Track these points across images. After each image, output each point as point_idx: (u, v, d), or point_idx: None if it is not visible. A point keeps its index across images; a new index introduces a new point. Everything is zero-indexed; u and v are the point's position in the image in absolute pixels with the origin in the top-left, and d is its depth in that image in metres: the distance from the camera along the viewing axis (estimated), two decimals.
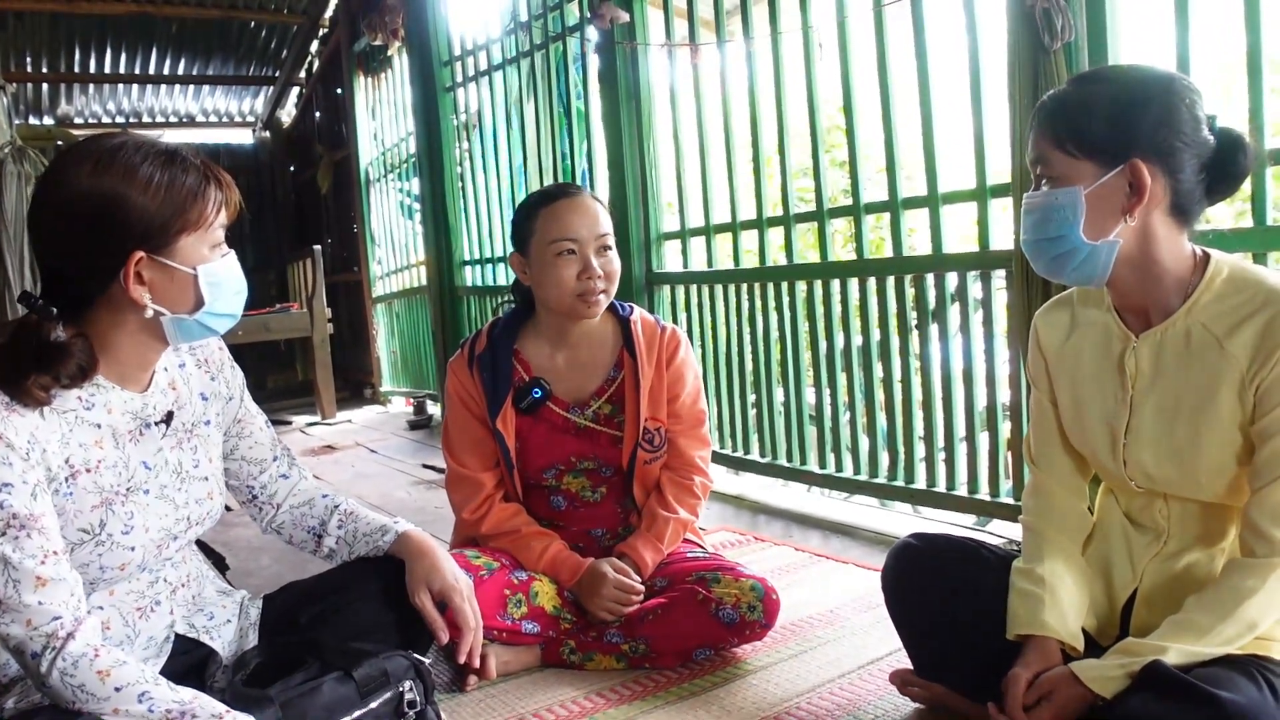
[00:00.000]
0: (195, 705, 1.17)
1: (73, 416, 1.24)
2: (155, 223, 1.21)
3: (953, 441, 2.67)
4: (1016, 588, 1.40)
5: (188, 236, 1.24)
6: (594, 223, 1.90)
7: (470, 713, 1.70)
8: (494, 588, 1.82)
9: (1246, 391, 1.23)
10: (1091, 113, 1.24)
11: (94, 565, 1.27)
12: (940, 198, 2.59)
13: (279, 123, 8.36)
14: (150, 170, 1.21)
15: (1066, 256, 1.28)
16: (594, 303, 1.89)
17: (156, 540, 1.33)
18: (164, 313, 1.26)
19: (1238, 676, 1.14)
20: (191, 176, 1.25)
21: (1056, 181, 1.27)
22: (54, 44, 6.76)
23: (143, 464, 1.33)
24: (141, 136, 1.27)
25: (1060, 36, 2.07)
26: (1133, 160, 1.22)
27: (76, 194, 1.20)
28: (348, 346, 7.25)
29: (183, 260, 1.24)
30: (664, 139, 3.56)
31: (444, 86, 4.98)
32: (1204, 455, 1.27)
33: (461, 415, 2.01)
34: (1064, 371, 1.43)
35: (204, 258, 1.26)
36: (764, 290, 3.17)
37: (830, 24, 2.80)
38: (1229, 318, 1.25)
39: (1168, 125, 1.22)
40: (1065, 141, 1.25)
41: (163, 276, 1.24)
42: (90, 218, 1.20)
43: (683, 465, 2.02)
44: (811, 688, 1.72)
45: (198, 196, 1.24)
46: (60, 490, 1.22)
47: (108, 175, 1.20)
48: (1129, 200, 1.23)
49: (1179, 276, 1.28)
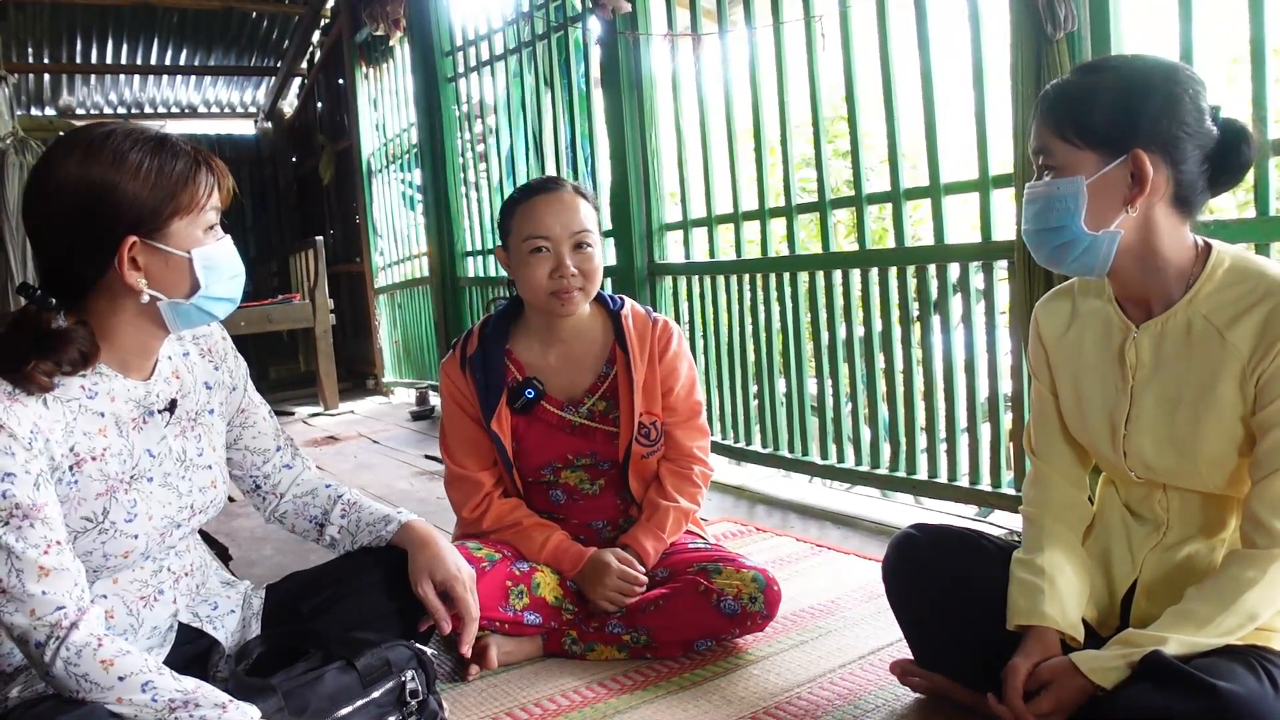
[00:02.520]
0: (198, 694, 1.18)
1: (76, 405, 1.25)
2: (147, 207, 1.22)
3: (954, 432, 2.66)
4: (1016, 578, 1.40)
5: (180, 220, 1.25)
6: (569, 220, 1.86)
7: (473, 702, 1.70)
8: (496, 579, 1.83)
9: (1247, 383, 1.23)
10: (1094, 102, 1.24)
11: (97, 553, 1.27)
12: (942, 188, 2.59)
13: (281, 113, 8.34)
14: (139, 156, 1.22)
15: (1067, 247, 1.27)
16: (567, 300, 1.87)
17: (160, 528, 1.34)
18: (160, 297, 1.26)
19: (1237, 667, 1.15)
20: (181, 161, 1.25)
21: (1058, 171, 1.27)
22: (55, 35, 6.76)
23: (147, 451, 1.33)
24: (131, 125, 1.28)
25: (1063, 26, 2.06)
26: (1135, 151, 1.21)
27: (67, 182, 1.20)
28: (350, 337, 7.26)
29: (176, 244, 1.25)
30: (666, 129, 3.55)
31: (446, 77, 4.98)
32: (1204, 446, 1.27)
33: (456, 416, 2.00)
34: (1064, 362, 1.43)
35: (198, 240, 1.27)
36: (766, 281, 3.17)
37: (833, 13, 2.79)
38: (1230, 309, 1.24)
39: (1171, 116, 1.21)
40: (1068, 131, 1.25)
41: (157, 261, 1.24)
42: (81, 205, 1.20)
43: (681, 456, 2.02)
44: (812, 678, 1.73)
45: (188, 180, 1.25)
46: (64, 479, 1.23)
47: (97, 163, 1.20)
48: (1131, 191, 1.23)
49: (1180, 267, 1.28)
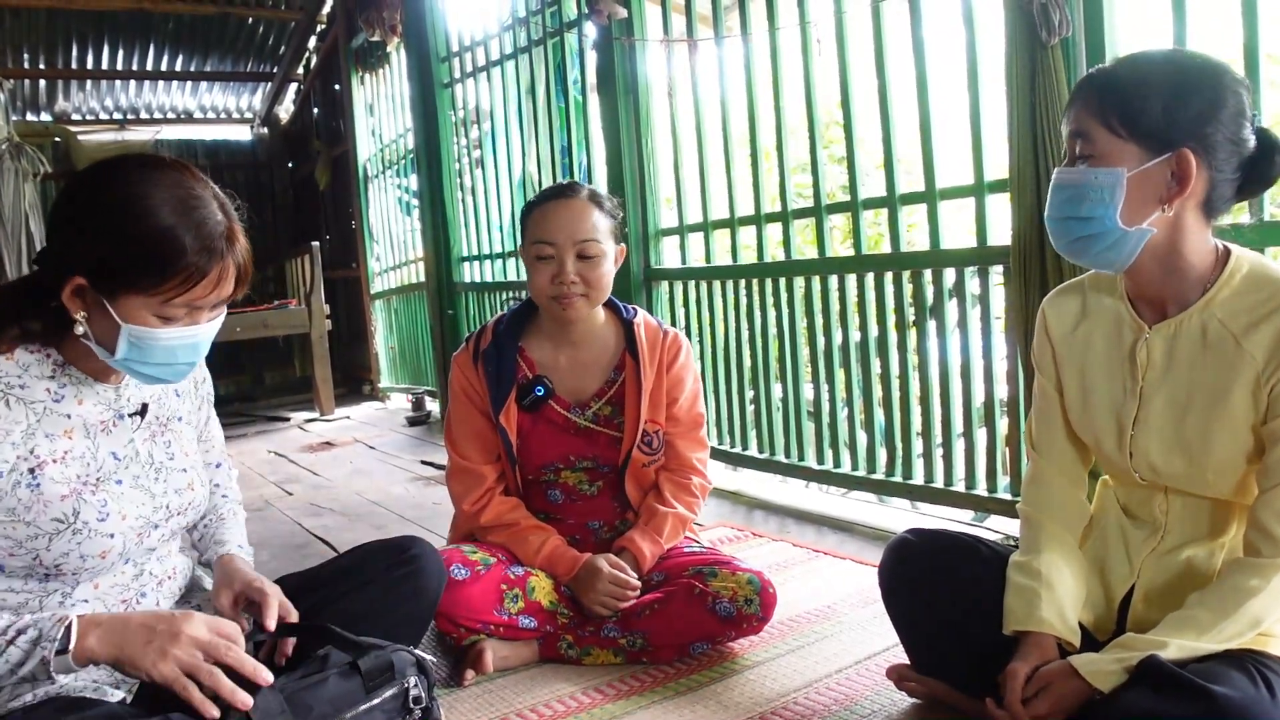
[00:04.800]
0: (25, 620, 1.14)
1: (40, 407, 1.25)
2: (106, 268, 1.16)
3: (950, 437, 2.67)
4: (1013, 582, 1.40)
5: (132, 296, 1.17)
6: (574, 228, 1.87)
7: (468, 708, 1.70)
8: (490, 583, 1.83)
9: (1261, 391, 1.22)
10: (1146, 95, 1.20)
11: (74, 554, 1.27)
12: (938, 193, 2.59)
13: (277, 119, 8.34)
14: (151, 216, 1.15)
15: (1094, 239, 1.25)
16: (568, 306, 1.88)
17: (136, 528, 1.34)
18: (89, 339, 1.21)
19: (1233, 672, 1.14)
20: (187, 241, 1.16)
21: (1096, 160, 1.23)
22: (51, 40, 6.74)
23: (111, 454, 1.33)
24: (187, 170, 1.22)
25: (1058, 31, 2.07)
26: (1183, 150, 1.19)
27: (82, 188, 1.19)
28: (346, 343, 7.25)
29: (119, 311, 1.18)
30: (662, 134, 3.56)
31: (442, 82, 4.98)
32: (1213, 452, 1.26)
33: (464, 408, 2.01)
34: (1072, 359, 1.42)
35: (140, 320, 1.19)
36: (762, 286, 3.17)
37: (828, 19, 2.79)
38: (1247, 315, 1.23)
39: (1219, 119, 1.19)
40: (1113, 120, 1.22)
41: (98, 309, 1.19)
42: (69, 216, 1.19)
43: (681, 467, 2.03)
44: (808, 683, 1.73)
45: (167, 268, 1.16)
46: (23, 482, 1.22)
47: (121, 185, 1.17)
48: (1170, 190, 1.21)
49: (1201, 271, 1.26)
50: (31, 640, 1.12)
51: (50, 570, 1.26)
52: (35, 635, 1.12)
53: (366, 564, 1.58)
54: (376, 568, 1.57)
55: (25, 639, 1.12)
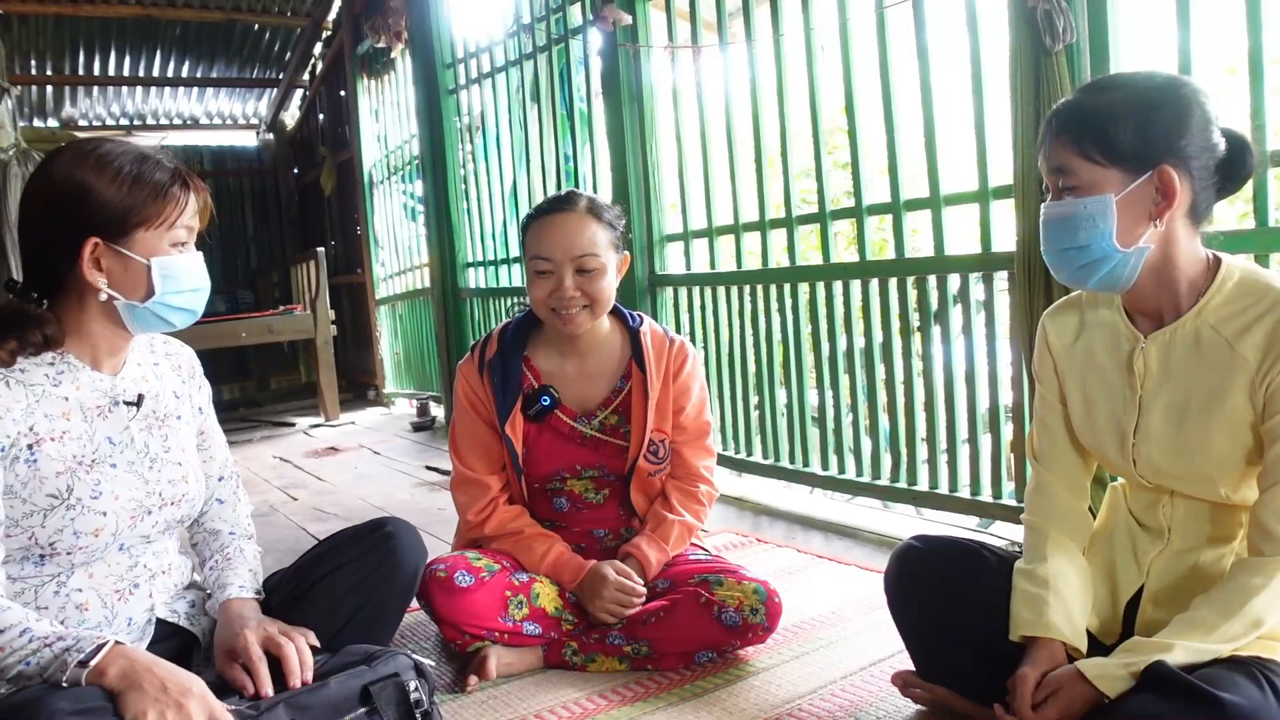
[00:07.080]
0: (71, 633, 1.20)
1: (39, 389, 1.32)
2: (115, 213, 1.30)
3: (955, 443, 2.66)
4: (1020, 589, 1.40)
5: (145, 230, 1.32)
6: (571, 243, 1.85)
7: (472, 714, 1.70)
8: (495, 589, 1.83)
9: (1257, 392, 1.24)
10: (1117, 120, 1.23)
11: (68, 530, 1.31)
12: (942, 199, 2.59)
13: (282, 125, 8.37)
14: (120, 165, 1.31)
15: (1096, 264, 1.27)
16: (568, 320, 1.88)
17: (129, 510, 1.37)
18: (118, 298, 1.33)
19: (1240, 678, 1.15)
20: (160, 175, 1.33)
21: (1081, 190, 1.26)
22: (58, 47, 6.78)
23: (107, 439, 1.38)
24: (125, 140, 1.35)
25: (1062, 38, 2.07)
26: (1162, 166, 1.22)
27: (52, 180, 1.31)
28: (351, 348, 7.26)
29: (138, 251, 1.32)
30: (666, 141, 3.57)
31: (447, 89, 4.99)
32: (1214, 454, 1.28)
33: (469, 418, 2.01)
34: (1074, 371, 1.44)
35: (160, 251, 1.34)
36: (766, 292, 3.17)
37: (832, 26, 2.80)
38: (1239, 320, 1.26)
39: (1189, 130, 1.23)
40: (1090, 149, 1.25)
41: (118, 264, 1.32)
42: (58, 203, 1.30)
43: (688, 475, 2.03)
44: (813, 689, 1.72)
45: (160, 195, 1.32)
46: (22, 457, 1.29)
47: (79, 166, 1.30)
48: (1157, 205, 1.24)
49: (1193, 279, 1.29)
50: (65, 648, 1.17)
51: (45, 550, 1.31)
52: (69, 645, 1.17)
53: (340, 548, 1.59)
54: (350, 551, 1.57)
55: (60, 645, 1.17)
